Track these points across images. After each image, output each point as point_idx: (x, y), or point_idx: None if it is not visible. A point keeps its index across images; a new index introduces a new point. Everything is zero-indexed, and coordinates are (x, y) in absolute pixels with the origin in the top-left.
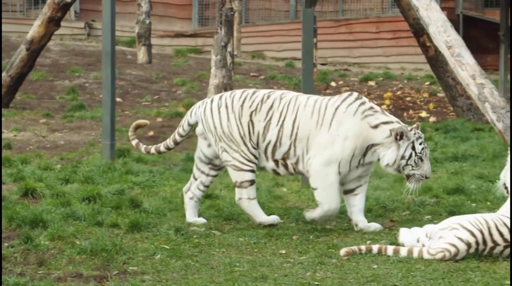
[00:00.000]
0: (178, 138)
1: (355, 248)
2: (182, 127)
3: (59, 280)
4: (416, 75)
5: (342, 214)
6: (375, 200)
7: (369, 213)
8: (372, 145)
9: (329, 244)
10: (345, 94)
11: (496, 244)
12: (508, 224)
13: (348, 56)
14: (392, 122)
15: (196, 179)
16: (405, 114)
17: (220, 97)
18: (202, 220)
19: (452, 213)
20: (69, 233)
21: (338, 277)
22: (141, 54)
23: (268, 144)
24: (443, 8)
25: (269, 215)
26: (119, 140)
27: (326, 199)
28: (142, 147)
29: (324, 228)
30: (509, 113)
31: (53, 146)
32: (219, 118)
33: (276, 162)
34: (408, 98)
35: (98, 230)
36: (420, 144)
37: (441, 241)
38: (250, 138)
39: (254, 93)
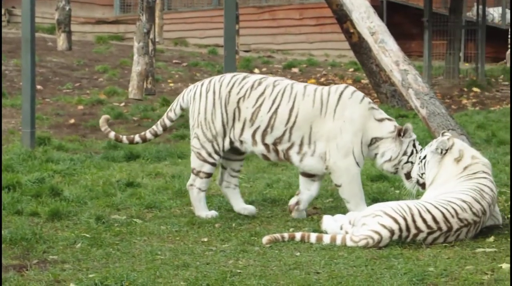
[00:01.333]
0: (168, 122)
1: (277, 235)
2: (174, 111)
3: None
4: (340, 62)
5: (265, 201)
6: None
7: None
8: (376, 139)
9: (252, 232)
10: (344, 85)
11: (419, 230)
12: (432, 211)
13: (271, 43)
14: (393, 120)
15: (225, 168)
16: None
17: (210, 81)
18: (252, 208)
19: (375, 200)
20: None
21: (260, 265)
22: (61, 41)
23: (257, 129)
24: None
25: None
26: (39, 128)
27: (352, 194)
28: (123, 137)
29: (246, 215)
30: (433, 100)
31: None
32: (205, 103)
33: (266, 146)
34: None
35: (17, 218)
36: (419, 144)
37: (364, 228)
38: (233, 126)
39: (244, 79)
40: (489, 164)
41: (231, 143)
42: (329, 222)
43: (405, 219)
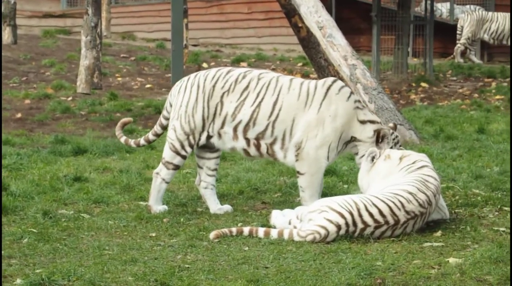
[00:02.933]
0: (164, 121)
1: (225, 230)
2: (166, 109)
3: None
4: (289, 57)
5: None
6: (247, 182)
7: (241, 195)
8: (355, 139)
9: (200, 227)
10: (332, 78)
11: (366, 225)
12: (378, 204)
13: (220, 37)
14: (376, 122)
15: (201, 167)
16: None
17: (195, 76)
18: (228, 207)
19: (324, 194)
20: None
21: (209, 260)
22: (6, 35)
23: (239, 123)
24: None
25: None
26: None
27: (311, 185)
28: (131, 141)
29: (195, 210)
30: (381, 95)
31: None
32: (188, 97)
33: (247, 140)
34: None
35: None
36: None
37: (311, 224)
38: (213, 121)
39: (228, 72)
40: (424, 155)
41: (209, 137)
42: (277, 216)
43: (351, 214)
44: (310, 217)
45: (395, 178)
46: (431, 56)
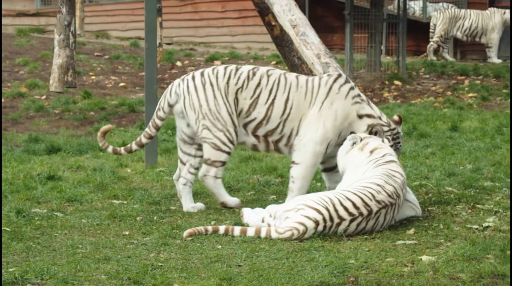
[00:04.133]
0: (159, 122)
1: (200, 228)
2: (162, 109)
3: None
4: (263, 55)
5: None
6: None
7: None
8: (353, 133)
9: (173, 225)
10: (334, 74)
11: (342, 219)
12: (351, 198)
13: (194, 35)
14: (374, 116)
15: (184, 164)
16: None
17: (202, 75)
18: (201, 205)
19: None
20: None
21: (182, 258)
22: None
23: (252, 120)
24: None
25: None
26: None
27: (304, 176)
28: (121, 149)
29: (168, 208)
30: None
31: None
32: (204, 96)
33: (257, 137)
34: None
35: None
36: (395, 144)
37: (289, 221)
38: (237, 115)
39: (238, 69)
40: (393, 151)
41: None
42: (250, 215)
43: (327, 209)
44: (286, 216)
45: (363, 170)
46: (404, 54)
